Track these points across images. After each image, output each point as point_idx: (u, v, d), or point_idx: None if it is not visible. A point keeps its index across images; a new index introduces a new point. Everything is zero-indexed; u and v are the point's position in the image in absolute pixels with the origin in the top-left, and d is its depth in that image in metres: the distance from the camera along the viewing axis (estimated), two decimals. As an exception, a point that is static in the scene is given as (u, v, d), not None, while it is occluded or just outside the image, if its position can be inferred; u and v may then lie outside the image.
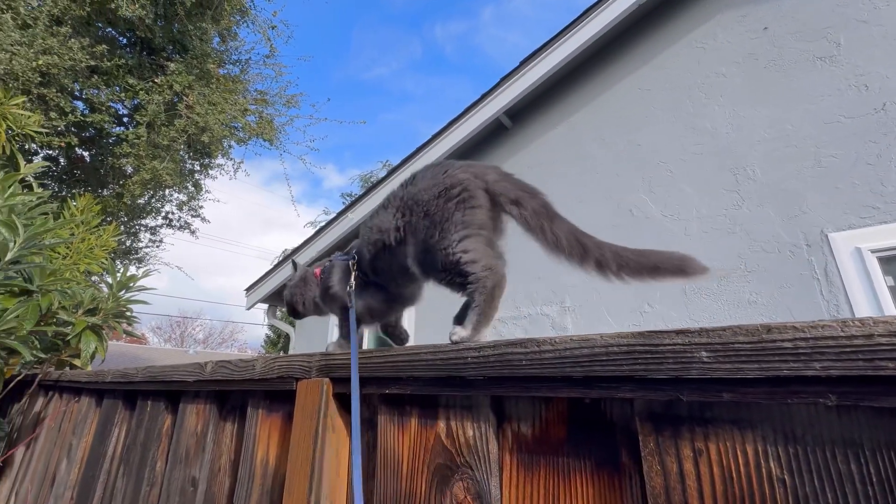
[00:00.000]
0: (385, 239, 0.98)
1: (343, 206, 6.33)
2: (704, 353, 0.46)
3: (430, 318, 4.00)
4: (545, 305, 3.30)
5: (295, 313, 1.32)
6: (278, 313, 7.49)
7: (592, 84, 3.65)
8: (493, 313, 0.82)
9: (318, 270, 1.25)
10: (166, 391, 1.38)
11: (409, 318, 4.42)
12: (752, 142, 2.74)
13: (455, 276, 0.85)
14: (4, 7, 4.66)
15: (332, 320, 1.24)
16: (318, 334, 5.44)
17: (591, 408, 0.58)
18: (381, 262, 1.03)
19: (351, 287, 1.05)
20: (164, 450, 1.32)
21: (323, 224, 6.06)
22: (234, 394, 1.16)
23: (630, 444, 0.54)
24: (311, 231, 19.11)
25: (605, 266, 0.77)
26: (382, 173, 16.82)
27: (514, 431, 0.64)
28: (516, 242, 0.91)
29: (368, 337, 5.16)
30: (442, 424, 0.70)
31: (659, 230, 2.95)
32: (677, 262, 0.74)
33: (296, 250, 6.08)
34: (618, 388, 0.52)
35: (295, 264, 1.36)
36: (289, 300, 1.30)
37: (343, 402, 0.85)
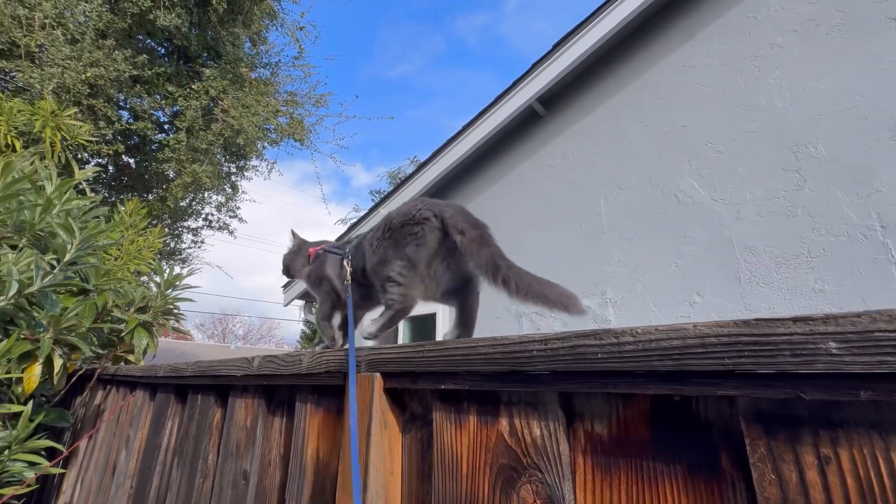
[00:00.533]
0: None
1: (373, 203, 6.36)
2: (833, 344, 0.39)
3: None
4: (585, 298, 3.17)
5: (287, 273, 1.59)
6: (313, 309, 7.67)
7: (631, 64, 3.46)
8: (391, 326, 1.11)
9: (311, 251, 1.47)
10: (215, 385, 1.41)
11: (442, 315, 4.40)
12: (814, 116, 2.51)
13: (386, 285, 1.11)
14: (55, 24, 4.94)
15: (369, 315, 1.31)
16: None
17: (681, 406, 0.52)
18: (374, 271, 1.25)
19: (348, 282, 1.24)
20: (216, 443, 1.34)
21: (355, 221, 6.13)
22: (282, 388, 1.16)
23: (731, 448, 0.47)
24: (341, 228, 19.51)
25: (508, 283, 0.93)
26: (410, 169, 16.87)
27: (587, 431, 0.58)
28: (551, 236, 0.88)
29: (403, 330, 5.18)
30: (504, 422, 0.65)
31: (708, 215, 2.77)
32: (563, 300, 0.90)
33: (329, 247, 6.17)
34: (718, 384, 0.46)
35: (294, 233, 1.60)
36: (285, 263, 1.58)
37: (395, 398, 0.82)
